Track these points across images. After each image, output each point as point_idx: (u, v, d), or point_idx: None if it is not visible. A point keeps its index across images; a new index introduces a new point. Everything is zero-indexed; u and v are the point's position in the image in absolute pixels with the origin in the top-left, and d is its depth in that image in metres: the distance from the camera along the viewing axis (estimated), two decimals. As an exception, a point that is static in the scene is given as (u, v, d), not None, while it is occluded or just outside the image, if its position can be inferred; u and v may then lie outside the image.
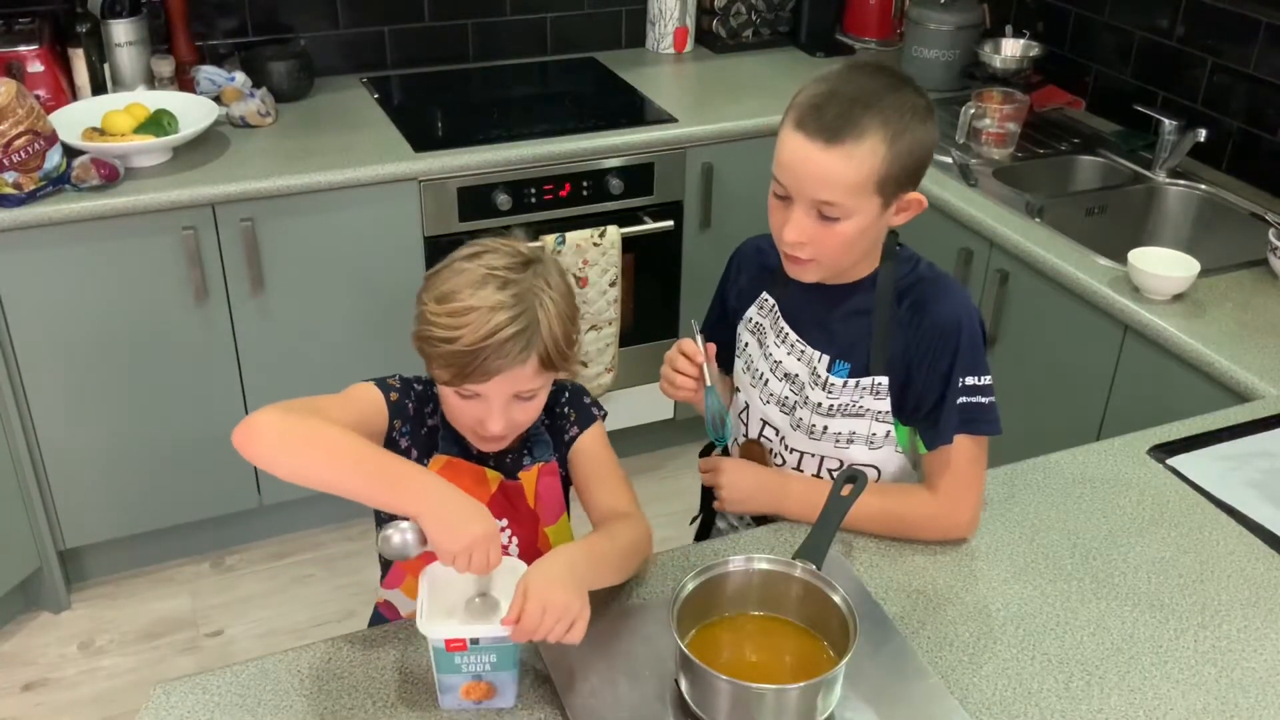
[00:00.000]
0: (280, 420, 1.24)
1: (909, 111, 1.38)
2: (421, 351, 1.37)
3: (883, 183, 1.38)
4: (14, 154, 2.24)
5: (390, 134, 2.70)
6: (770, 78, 3.14)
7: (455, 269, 1.35)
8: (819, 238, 1.42)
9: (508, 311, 1.30)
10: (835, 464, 1.57)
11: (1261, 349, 1.99)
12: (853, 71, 1.42)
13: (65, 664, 2.56)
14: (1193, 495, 1.62)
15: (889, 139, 1.36)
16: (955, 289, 1.52)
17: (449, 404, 1.40)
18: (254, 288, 2.52)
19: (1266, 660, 1.34)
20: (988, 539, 1.53)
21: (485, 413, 1.36)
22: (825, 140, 1.36)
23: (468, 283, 1.32)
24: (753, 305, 1.62)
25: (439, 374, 1.35)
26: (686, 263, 2.92)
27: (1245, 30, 2.60)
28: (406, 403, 1.44)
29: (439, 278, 1.35)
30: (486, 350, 1.29)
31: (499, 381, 1.33)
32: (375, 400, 1.42)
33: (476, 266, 1.33)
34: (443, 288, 1.33)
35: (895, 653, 1.32)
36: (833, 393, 1.52)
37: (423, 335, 1.35)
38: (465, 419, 1.40)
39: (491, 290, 1.31)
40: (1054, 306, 2.29)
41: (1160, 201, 2.67)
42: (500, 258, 1.35)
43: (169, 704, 1.25)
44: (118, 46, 2.68)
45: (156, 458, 2.62)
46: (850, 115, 1.35)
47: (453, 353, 1.31)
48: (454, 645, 1.19)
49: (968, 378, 1.47)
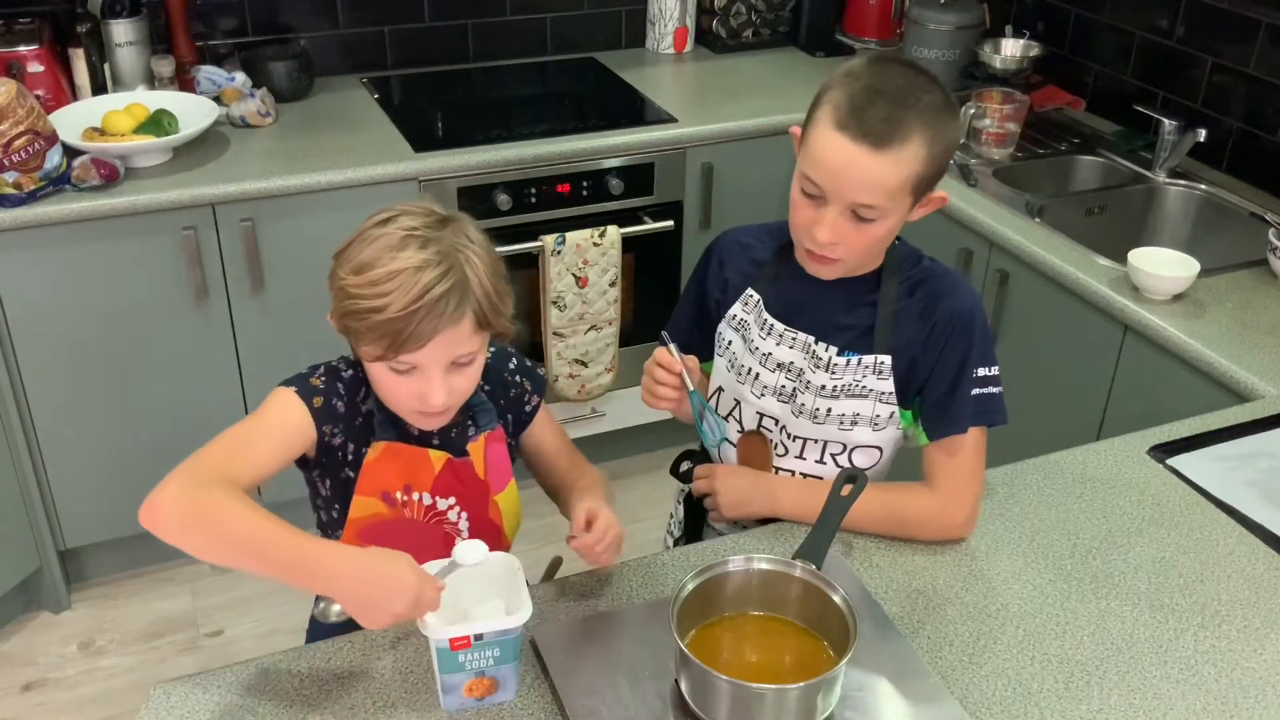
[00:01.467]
0: (180, 501, 1.19)
1: (943, 110, 1.39)
2: (346, 330, 1.31)
3: (919, 183, 1.39)
4: (14, 154, 2.24)
5: (390, 134, 2.70)
6: (770, 78, 3.14)
7: (368, 237, 1.29)
8: (850, 238, 1.41)
9: (434, 269, 1.25)
10: (839, 448, 1.57)
11: (1261, 349, 1.99)
12: (883, 67, 1.40)
13: (65, 664, 2.56)
14: (1193, 495, 1.62)
15: (929, 141, 1.36)
16: (964, 281, 1.55)
17: (383, 385, 1.34)
18: (254, 288, 2.52)
19: (1266, 660, 1.35)
20: (988, 539, 1.53)
21: (425, 385, 1.30)
22: (872, 145, 1.34)
23: (386, 247, 1.27)
24: (737, 302, 1.60)
25: (369, 350, 1.29)
26: (686, 263, 2.91)
27: (1245, 30, 2.60)
28: (334, 401, 1.36)
29: (352, 249, 1.30)
30: (419, 312, 1.24)
31: (435, 347, 1.27)
32: (296, 415, 1.34)
33: (393, 230, 1.28)
34: (360, 257, 1.28)
35: (895, 653, 1.32)
36: (836, 373, 1.52)
37: (346, 311, 1.28)
38: (402, 398, 1.33)
39: (413, 251, 1.26)
40: (1054, 307, 2.29)
41: (1160, 201, 2.67)
42: (414, 218, 1.30)
43: (169, 704, 1.25)
44: (118, 46, 2.68)
45: (157, 458, 2.57)
46: (895, 118, 1.34)
47: (383, 322, 1.25)
48: (458, 644, 1.19)
49: (980, 368, 1.49)
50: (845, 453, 1.57)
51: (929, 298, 1.50)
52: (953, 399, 1.49)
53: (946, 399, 1.49)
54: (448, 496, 1.42)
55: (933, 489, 1.52)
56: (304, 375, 1.38)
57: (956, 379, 1.49)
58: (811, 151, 1.40)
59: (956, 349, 1.48)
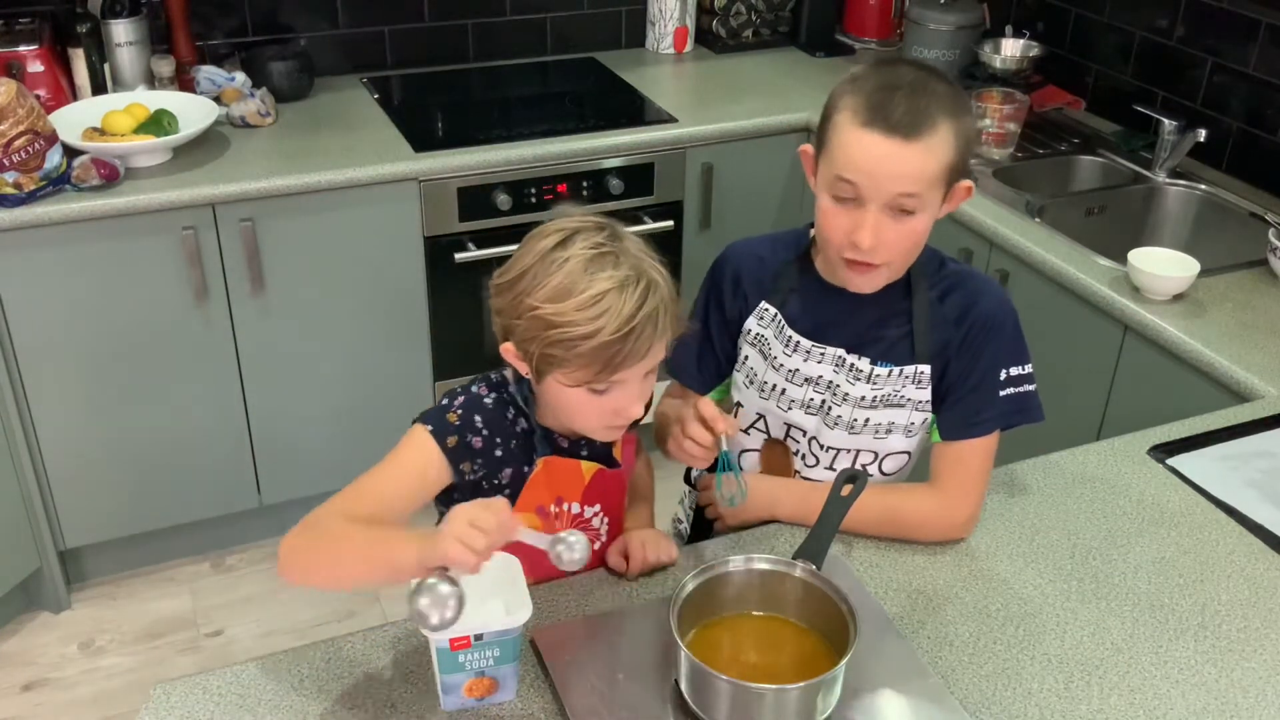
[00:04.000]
0: (291, 542, 1.22)
1: (959, 97, 1.40)
2: (545, 360, 1.24)
3: (950, 171, 1.40)
4: (14, 154, 2.24)
5: (390, 134, 2.70)
6: (770, 78, 3.14)
7: (552, 260, 1.23)
8: (892, 239, 1.40)
9: (636, 286, 1.21)
10: (870, 456, 1.57)
11: (1261, 349, 1.99)
12: (890, 65, 1.42)
13: (65, 664, 2.56)
14: (1193, 495, 1.62)
15: (954, 127, 1.37)
16: (992, 281, 1.56)
17: (572, 405, 1.29)
18: (254, 288, 2.52)
19: (1266, 660, 1.34)
20: (988, 539, 1.53)
21: (624, 400, 1.27)
22: (904, 136, 1.35)
23: (581, 269, 1.21)
24: (751, 317, 1.58)
25: (576, 376, 1.24)
26: (686, 263, 2.91)
27: (1245, 30, 2.60)
28: (470, 438, 1.31)
29: (535, 276, 1.23)
30: (634, 331, 1.21)
31: (644, 361, 1.25)
32: (429, 457, 1.30)
33: (579, 250, 1.22)
34: (553, 284, 1.22)
35: (895, 653, 1.32)
36: (877, 384, 1.52)
37: (551, 341, 1.22)
38: (594, 415, 1.30)
39: (610, 269, 1.22)
40: (1054, 306, 2.29)
41: (1160, 201, 2.67)
42: (589, 233, 1.25)
43: (169, 704, 1.25)
44: (118, 46, 2.68)
45: (157, 458, 2.62)
46: (919, 107, 1.35)
47: (596, 347, 1.20)
48: (458, 644, 1.19)
49: (1013, 368, 1.50)
50: (876, 461, 1.57)
51: (962, 304, 1.50)
52: (978, 400, 1.49)
53: (971, 400, 1.50)
54: (594, 504, 1.42)
55: (936, 488, 1.52)
56: (442, 409, 1.33)
57: (983, 380, 1.49)
58: (840, 155, 1.38)
59: (986, 350, 1.49)
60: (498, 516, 1.14)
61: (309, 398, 2.69)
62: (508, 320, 1.27)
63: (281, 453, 2.70)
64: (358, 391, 2.71)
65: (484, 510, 1.14)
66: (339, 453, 2.69)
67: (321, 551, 1.23)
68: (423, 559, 1.14)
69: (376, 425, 2.52)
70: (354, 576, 1.25)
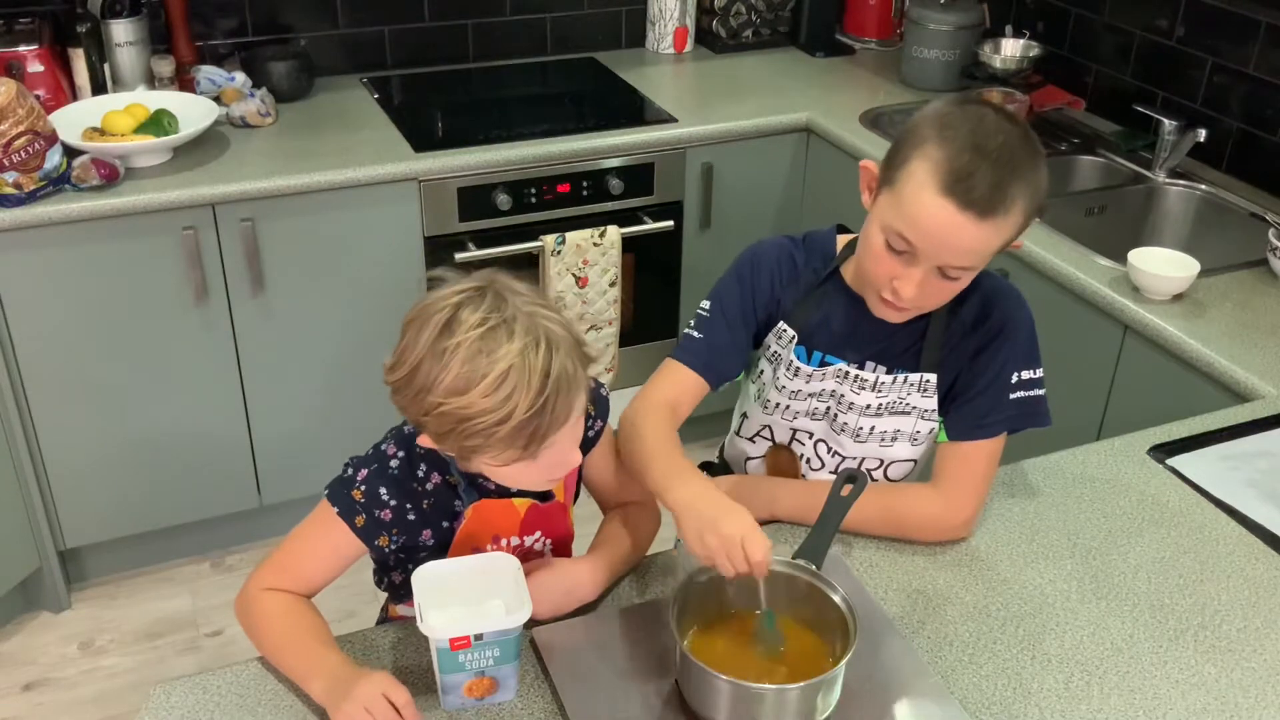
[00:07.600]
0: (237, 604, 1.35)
1: (1040, 166, 1.34)
2: (468, 450, 1.20)
3: (1012, 240, 1.37)
4: (14, 154, 2.24)
5: (390, 134, 2.70)
6: (770, 78, 3.14)
7: (441, 349, 1.16)
8: (933, 293, 1.40)
9: (538, 350, 1.15)
10: (875, 463, 1.58)
11: (1261, 349, 1.99)
12: (979, 119, 1.32)
13: (65, 664, 2.56)
14: (1193, 495, 1.62)
15: (1029, 205, 1.33)
16: (1007, 284, 1.54)
17: (506, 475, 1.26)
18: (254, 288, 2.52)
19: (1266, 660, 1.35)
20: (988, 539, 1.53)
21: (560, 455, 1.24)
22: (979, 214, 1.29)
23: (475, 352, 1.15)
24: (770, 333, 1.56)
25: (503, 457, 1.19)
26: (686, 263, 2.92)
27: (1245, 30, 2.60)
28: (378, 513, 1.30)
29: (431, 372, 1.16)
30: (550, 399, 1.15)
31: (572, 419, 1.21)
32: (340, 536, 1.31)
33: (467, 332, 1.16)
34: (451, 376, 1.15)
35: (895, 653, 1.32)
36: (881, 391, 1.52)
37: (465, 434, 1.16)
38: (533, 476, 1.27)
39: (505, 343, 1.15)
40: (1054, 306, 2.28)
41: (1160, 201, 2.67)
42: (474, 304, 1.18)
43: (169, 704, 1.25)
44: (118, 46, 2.68)
45: (156, 458, 2.62)
46: (1002, 184, 1.29)
47: (515, 428, 1.15)
48: (458, 644, 1.19)
49: (1024, 371, 1.50)
50: (881, 467, 1.58)
51: (979, 310, 1.50)
52: (988, 402, 1.49)
53: (981, 401, 1.49)
54: (533, 533, 1.41)
55: (938, 488, 1.52)
56: (347, 484, 1.32)
57: (994, 382, 1.49)
58: (908, 212, 1.33)
59: (998, 354, 1.49)
60: (403, 709, 1.18)
61: (309, 398, 2.69)
62: (415, 417, 1.22)
63: (281, 453, 2.71)
64: (358, 392, 2.70)
65: (393, 691, 1.18)
66: (339, 453, 2.66)
67: (251, 630, 1.33)
68: (322, 702, 1.22)
69: (376, 425, 2.51)
70: (277, 664, 1.30)
